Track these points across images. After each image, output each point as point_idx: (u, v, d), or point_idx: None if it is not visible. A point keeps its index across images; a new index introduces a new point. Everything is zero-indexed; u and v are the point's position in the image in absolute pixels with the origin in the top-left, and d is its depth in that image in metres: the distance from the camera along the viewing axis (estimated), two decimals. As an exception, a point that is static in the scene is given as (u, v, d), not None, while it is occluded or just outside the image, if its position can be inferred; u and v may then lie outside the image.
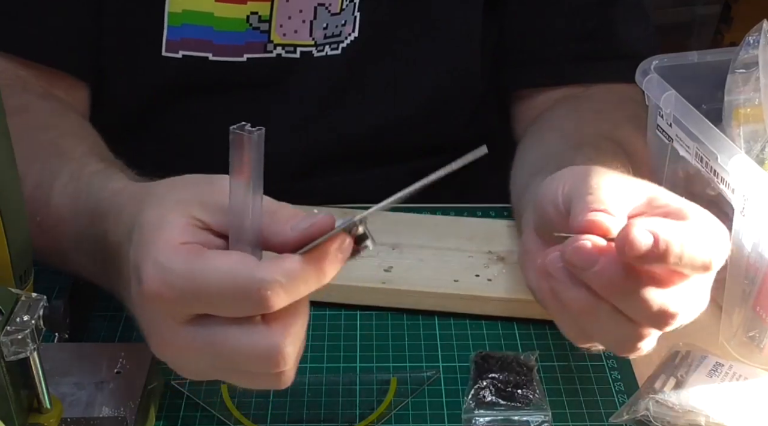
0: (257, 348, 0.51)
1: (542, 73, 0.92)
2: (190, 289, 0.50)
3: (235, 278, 0.49)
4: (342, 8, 0.86)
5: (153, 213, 0.53)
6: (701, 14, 2.13)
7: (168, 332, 0.53)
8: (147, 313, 0.53)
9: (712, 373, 0.68)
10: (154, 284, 0.50)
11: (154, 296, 0.51)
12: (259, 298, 0.49)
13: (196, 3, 0.84)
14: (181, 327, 0.52)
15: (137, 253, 0.52)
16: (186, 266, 0.50)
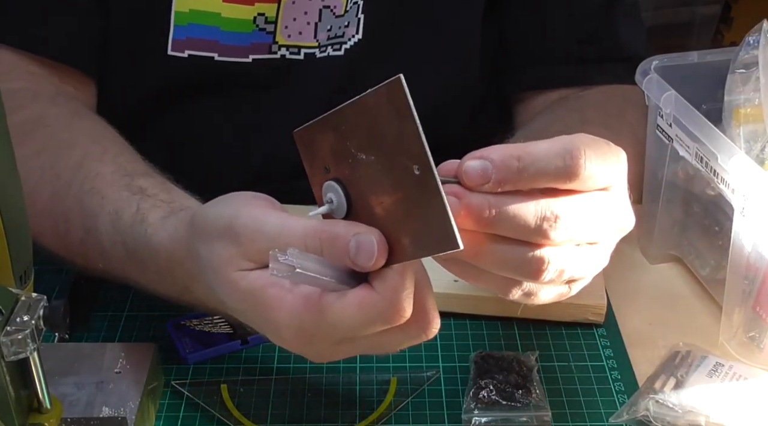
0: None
1: (540, 76, 0.92)
2: (335, 333, 0.53)
3: (370, 313, 0.51)
4: (346, 10, 0.86)
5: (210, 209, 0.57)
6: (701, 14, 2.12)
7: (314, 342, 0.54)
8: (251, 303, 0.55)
9: (712, 373, 0.68)
10: (299, 339, 0.53)
11: (303, 345, 0.54)
12: (397, 314, 0.51)
13: (204, 3, 0.84)
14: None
15: (260, 321, 0.55)
16: (321, 322, 0.52)
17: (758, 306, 0.70)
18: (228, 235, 0.54)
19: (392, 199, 0.50)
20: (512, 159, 0.50)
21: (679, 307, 0.79)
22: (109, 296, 0.78)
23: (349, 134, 0.52)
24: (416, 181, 0.48)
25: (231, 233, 0.54)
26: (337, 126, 0.53)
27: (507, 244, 0.52)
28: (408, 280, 0.51)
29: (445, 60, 0.92)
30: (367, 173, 0.51)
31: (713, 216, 0.77)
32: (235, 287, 0.54)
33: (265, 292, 0.53)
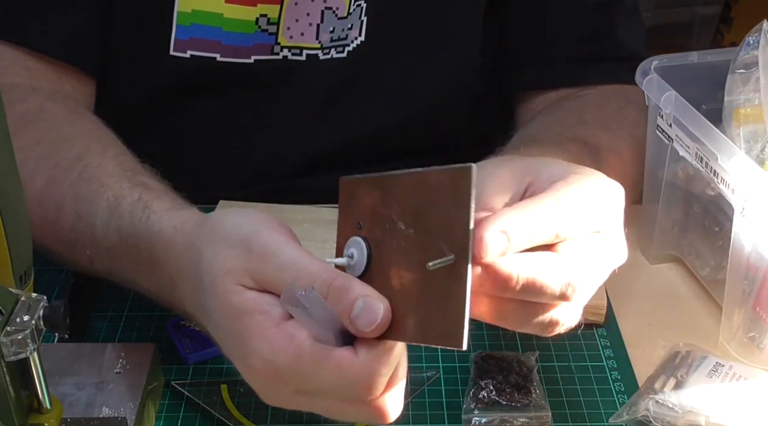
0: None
1: (540, 76, 0.93)
2: (300, 382, 0.52)
3: (342, 377, 0.51)
4: (349, 12, 0.86)
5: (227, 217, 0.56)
6: (701, 14, 2.13)
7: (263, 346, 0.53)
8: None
9: (712, 373, 0.68)
10: (265, 374, 0.53)
11: (265, 381, 0.54)
12: (367, 390, 0.51)
13: (206, 3, 0.84)
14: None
15: (234, 340, 0.54)
16: (294, 366, 0.51)
17: (758, 306, 0.70)
18: (241, 247, 0.54)
19: (414, 277, 0.49)
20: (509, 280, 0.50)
21: (679, 307, 0.79)
22: (109, 296, 0.78)
23: (396, 201, 0.51)
24: (447, 270, 0.47)
25: (245, 246, 0.53)
26: (387, 189, 0.52)
27: (523, 307, 0.53)
28: (392, 359, 0.51)
29: (446, 61, 0.92)
30: (400, 244, 0.50)
31: (713, 216, 0.77)
32: (225, 299, 0.53)
33: (253, 316, 0.52)
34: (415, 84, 0.92)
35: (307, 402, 0.54)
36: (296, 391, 0.53)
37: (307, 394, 0.53)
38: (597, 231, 0.54)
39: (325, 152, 0.93)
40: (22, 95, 0.79)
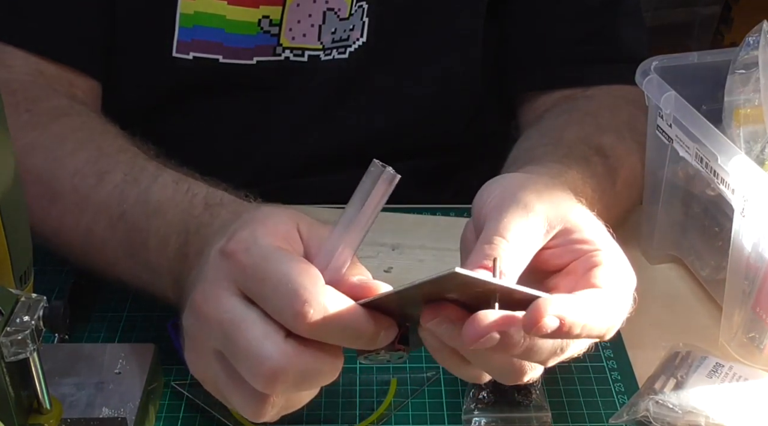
0: (262, 351, 0.51)
1: (542, 77, 0.92)
2: (260, 269, 0.52)
3: (295, 286, 0.51)
4: (351, 13, 0.87)
5: (267, 209, 0.58)
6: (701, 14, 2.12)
7: (210, 292, 0.54)
8: (209, 269, 0.55)
9: (712, 373, 0.68)
10: (237, 245, 0.53)
11: (230, 254, 0.53)
12: (295, 310, 0.50)
13: (209, 5, 0.84)
14: (225, 293, 0.53)
15: (240, 224, 0.56)
16: (272, 253, 0.52)
17: (758, 306, 0.70)
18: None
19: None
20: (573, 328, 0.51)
21: (679, 307, 0.79)
22: (109, 296, 0.78)
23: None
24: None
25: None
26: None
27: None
28: (338, 318, 0.51)
29: (447, 62, 0.92)
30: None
31: (713, 216, 0.77)
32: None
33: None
34: (416, 84, 0.93)
35: (217, 369, 0.54)
36: (214, 350, 0.54)
37: (223, 361, 0.53)
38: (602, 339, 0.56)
39: (326, 153, 0.93)
40: (46, 93, 0.79)
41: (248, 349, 0.51)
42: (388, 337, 0.53)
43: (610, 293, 0.55)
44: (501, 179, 0.61)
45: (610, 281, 0.55)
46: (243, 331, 0.52)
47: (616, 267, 0.57)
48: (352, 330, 0.51)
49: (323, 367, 0.53)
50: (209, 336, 0.54)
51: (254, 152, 0.93)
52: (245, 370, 0.52)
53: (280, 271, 0.51)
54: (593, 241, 0.57)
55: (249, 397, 0.53)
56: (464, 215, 0.89)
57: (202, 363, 0.56)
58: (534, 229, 0.56)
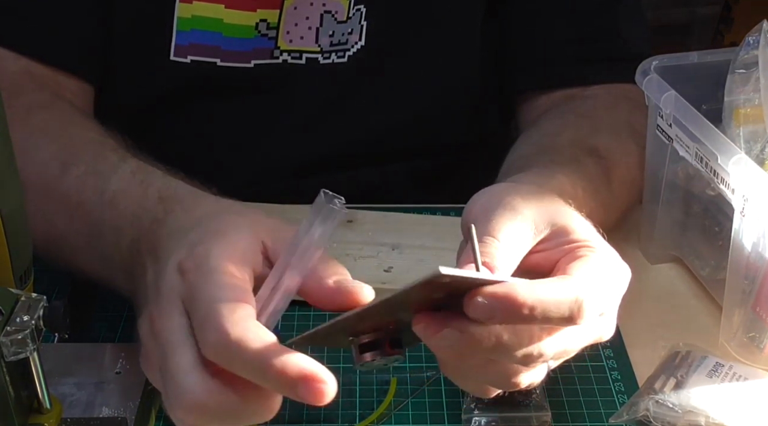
0: (186, 383, 0.50)
1: (541, 76, 0.92)
2: (198, 291, 0.51)
3: (210, 311, 0.50)
4: (349, 16, 0.87)
5: (229, 220, 0.57)
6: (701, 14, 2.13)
7: (163, 309, 0.53)
8: (165, 284, 0.54)
9: (712, 373, 0.68)
10: (191, 262, 0.53)
11: (184, 271, 0.53)
12: (203, 339, 0.50)
13: (206, 9, 0.84)
14: (175, 312, 0.52)
15: (200, 236, 0.55)
16: (212, 273, 0.52)
17: (758, 306, 0.70)
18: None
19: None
20: (522, 307, 0.50)
21: (679, 307, 0.79)
22: (109, 296, 0.78)
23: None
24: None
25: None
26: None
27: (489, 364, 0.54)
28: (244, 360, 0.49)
29: (447, 63, 0.92)
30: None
31: (713, 216, 0.77)
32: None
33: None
34: (415, 87, 0.93)
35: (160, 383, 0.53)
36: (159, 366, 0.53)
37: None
38: (601, 314, 0.56)
39: (325, 155, 0.93)
40: (30, 88, 0.79)
41: (174, 378, 0.50)
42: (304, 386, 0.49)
43: (577, 279, 0.54)
44: (486, 189, 0.61)
45: (582, 270, 0.54)
46: (176, 357, 0.51)
47: (595, 259, 0.56)
48: (257, 368, 0.49)
49: (249, 407, 0.51)
50: (154, 351, 0.53)
51: (253, 155, 0.92)
52: (170, 396, 0.51)
53: (206, 295, 0.51)
54: (581, 240, 0.57)
55: (179, 420, 0.53)
56: (464, 215, 0.89)
57: (150, 369, 0.55)
58: (522, 229, 0.57)
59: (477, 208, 0.59)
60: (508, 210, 0.57)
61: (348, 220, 0.84)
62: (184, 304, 0.53)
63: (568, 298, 0.52)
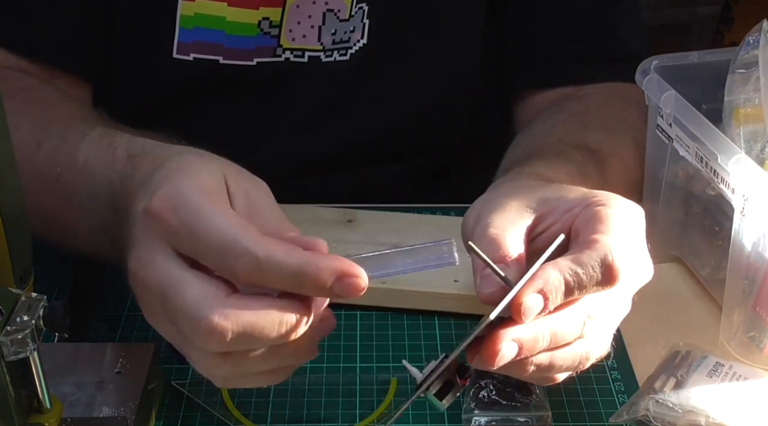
0: (198, 311, 0.51)
1: (538, 75, 0.93)
2: (192, 228, 0.51)
3: (227, 240, 0.50)
4: (351, 15, 0.87)
5: (191, 159, 0.57)
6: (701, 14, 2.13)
7: (144, 257, 0.53)
8: (138, 232, 0.54)
9: (712, 373, 0.68)
10: (162, 203, 0.52)
11: (156, 214, 0.52)
12: (230, 268, 0.50)
13: (209, 7, 0.84)
14: (159, 257, 0.53)
15: (163, 176, 0.54)
16: (201, 210, 0.51)
17: (758, 306, 0.70)
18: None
19: None
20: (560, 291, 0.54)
21: (679, 307, 0.79)
22: (109, 296, 0.78)
23: None
24: None
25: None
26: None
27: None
28: (277, 271, 0.50)
29: (448, 62, 0.92)
30: None
31: (713, 216, 0.77)
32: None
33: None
34: (416, 86, 0.93)
35: (170, 328, 0.53)
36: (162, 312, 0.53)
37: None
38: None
39: (326, 153, 0.93)
40: (19, 75, 0.80)
41: (185, 310, 0.51)
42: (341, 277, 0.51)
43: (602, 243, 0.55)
44: (474, 203, 0.63)
45: (606, 228, 0.56)
46: (180, 292, 0.51)
47: (613, 210, 0.57)
48: (293, 278, 0.50)
49: (267, 324, 0.51)
50: (153, 300, 0.53)
51: (254, 153, 0.92)
52: (186, 330, 0.51)
53: (212, 227, 0.51)
54: (580, 198, 0.59)
55: (200, 353, 0.53)
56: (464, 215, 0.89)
57: (158, 323, 0.55)
58: (513, 215, 0.58)
59: (471, 220, 0.61)
60: (497, 207, 0.59)
61: (348, 220, 0.84)
62: (170, 245, 0.52)
63: (603, 264, 0.54)
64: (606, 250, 0.54)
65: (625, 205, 0.58)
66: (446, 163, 1.00)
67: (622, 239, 0.55)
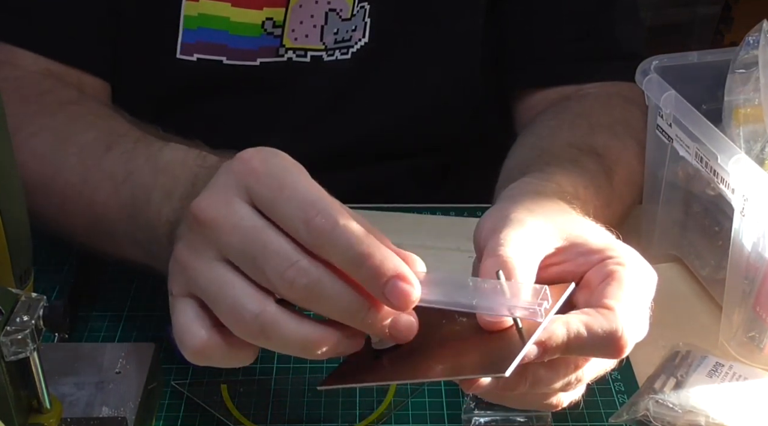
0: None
1: (536, 73, 0.93)
2: (279, 178, 0.52)
3: (312, 196, 0.51)
4: (353, 14, 0.87)
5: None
6: (701, 14, 2.12)
7: (219, 196, 0.53)
8: (218, 177, 0.54)
9: (712, 373, 0.68)
10: (254, 153, 0.53)
11: (245, 160, 0.53)
12: (305, 221, 0.50)
13: (213, 7, 0.84)
14: (235, 199, 0.52)
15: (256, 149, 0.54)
16: (291, 165, 0.53)
17: (758, 306, 0.70)
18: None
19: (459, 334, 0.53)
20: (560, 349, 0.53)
21: (679, 307, 0.79)
22: (109, 296, 0.78)
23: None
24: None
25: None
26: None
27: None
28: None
29: (448, 61, 0.93)
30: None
31: (713, 216, 0.77)
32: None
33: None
34: (417, 84, 0.93)
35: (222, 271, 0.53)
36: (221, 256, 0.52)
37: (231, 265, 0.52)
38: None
39: (327, 152, 0.93)
40: (55, 86, 0.80)
41: (278, 252, 0.50)
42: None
43: (618, 312, 0.54)
44: (492, 208, 0.62)
45: (619, 296, 0.55)
46: (267, 236, 0.51)
47: (627, 276, 0.56)
48: (357, 256, 0.50)
49: (338, 294, 0.51)
50: (218, 241, 0.52)
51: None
52: (271, 270, 0.50)
53: (300, 182, 0.52)
54: (602, 249, 0.57)
55: (258, 303, 0.52)
56: (464, 215, 0.89)
57: (204, 267, 0.53)
58: (531, 241, 0.57)
59: (486, 230, 0.59)
60: (516, 224, 0.57)
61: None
62: (248, 192, 0.52)
63: (611, 337, 0.53)
64: (618, 324, 0.53)
65: (640, 269, 0.57)
66: (447, 162, 1.00)
67: (634, 311, 0.55)
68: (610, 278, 0.56)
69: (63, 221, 0.71)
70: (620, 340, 0.53)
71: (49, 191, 0.71)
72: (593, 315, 0.54)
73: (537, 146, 0.79)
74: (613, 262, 0.56)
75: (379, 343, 0.55)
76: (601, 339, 0.53)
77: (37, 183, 0.69)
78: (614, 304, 0.54)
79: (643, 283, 0.57)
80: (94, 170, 0.69)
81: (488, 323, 0.53)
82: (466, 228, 0.84)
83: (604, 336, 0.53)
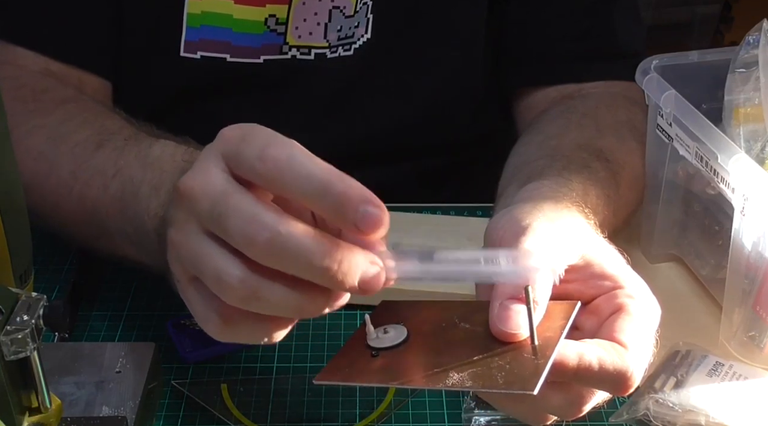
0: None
1: (537, 72, 0.93)
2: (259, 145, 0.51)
3: (275, 137, 0.52)
4: (356, 10, 0.87)
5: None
6: (701, 14, 2.13)
7: (198, 169, 0.52)
8: (199, 157, 0.54)
9: (712, 372, 0.68)
10: (231, 129, 0.53)
11: (223, 133, 0.53)
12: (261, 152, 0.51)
13: (216, 5, 0.84)
14: (213, 169, 0.51)
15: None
16: (275, 136, 0.52)
17: (758, 305, 0.70)
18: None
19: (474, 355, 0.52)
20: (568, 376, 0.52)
21: (679, 306, 0.79)
22: (109, 296, 0.78)
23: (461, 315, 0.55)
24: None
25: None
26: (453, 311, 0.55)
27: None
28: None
29: (450, 59, 0.93)
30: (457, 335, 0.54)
31: (713, 216, 0.77)
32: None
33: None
34: (419, 82, 0.93)
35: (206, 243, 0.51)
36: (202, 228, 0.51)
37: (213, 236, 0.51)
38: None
39: (332, 150, 0.93)
40: (54, 85, 0.80)
41: (238, 209, 0.49)
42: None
43: (630, 352, 0.54)
44: (506, 212, 0.60)
45: (630, 335, 0.54)
46: (232, 196, 0.49)
47: (637, 313, 0.55)
48: (321, 185, 0.48)
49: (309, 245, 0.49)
50: (195, 212, 0.51)
51: None
52: (233, 228, 0.49)
53: (263, 130, 0.52)
54: (615, 276, 0.57)
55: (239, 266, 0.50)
56: (464, 214, 0.89)
57: (187, 241, 0.52)
58: (553, 253, 0.56)
59: (500, 232, 0.58)
60: (538, 233, 0.56)
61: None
62: (225, 160, 0.51)
63: (621, 375, 0.53)
64: (629, 363, 0.53)
65: (649, 303, 0.57)
66: (448, 161, 1.00)
67: (644, 349, 0.55)
68: (622, 312, 0.55)
69: (58, 218, 0.72)
70: (629, 380, 0.53)
71: (44, 189, 0.71)
72: (607, 349, 0.53)
73: (546, 145, 0.79)
74: (624, 294, 0.56)
75: (376, 340, 0.55)
76: (610, 375, 0.52)
77: (32, 181, 0.69)
78: (627, 342, 0.54)
79: (651, 319, 0.56)
80: (86, 167, 0.70)
81: (503, 334, 0.52)
82: (466, 228, 0.84)
83: (614, 373, 0.52)
